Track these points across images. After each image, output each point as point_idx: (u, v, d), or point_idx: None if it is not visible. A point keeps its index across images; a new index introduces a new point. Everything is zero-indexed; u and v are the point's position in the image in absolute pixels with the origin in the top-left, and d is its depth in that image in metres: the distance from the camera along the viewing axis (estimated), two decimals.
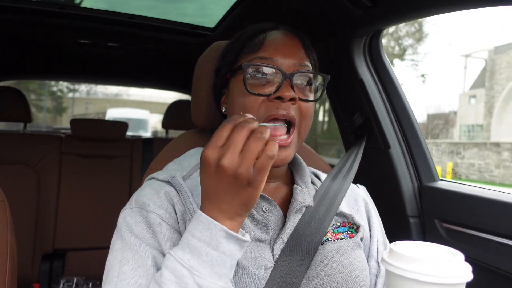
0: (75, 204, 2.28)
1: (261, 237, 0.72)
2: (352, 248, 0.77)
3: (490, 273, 1.03)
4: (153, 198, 0.71)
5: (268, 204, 0.76)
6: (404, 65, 17.73)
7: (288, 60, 0.75)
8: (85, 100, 24.37)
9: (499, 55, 20.43)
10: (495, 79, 20.65)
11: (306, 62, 0.78)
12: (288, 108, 0.73)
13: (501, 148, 14.56)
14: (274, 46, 0.76)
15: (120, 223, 0.70)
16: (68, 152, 2.32)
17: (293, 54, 0.76)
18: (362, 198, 0.90)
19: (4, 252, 0.95)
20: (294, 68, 0.75)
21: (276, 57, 0.75)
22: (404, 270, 0.51)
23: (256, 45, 0.77)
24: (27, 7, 1.67)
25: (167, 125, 2.69)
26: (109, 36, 1.98)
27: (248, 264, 0.69)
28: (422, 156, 1.29)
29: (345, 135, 1.46)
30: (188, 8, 1.92)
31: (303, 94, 0.76)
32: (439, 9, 1.01)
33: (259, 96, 0.73)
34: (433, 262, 0.50)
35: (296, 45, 0.79)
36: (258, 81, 0.74)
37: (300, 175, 0.85)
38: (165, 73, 2.93)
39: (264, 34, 0.78)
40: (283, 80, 0.73)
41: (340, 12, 1.20)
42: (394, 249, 0.54)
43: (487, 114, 21.02)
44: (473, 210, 1.09)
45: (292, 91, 0.73)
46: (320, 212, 0.79)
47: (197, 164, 0.82)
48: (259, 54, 0.76)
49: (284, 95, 0.72)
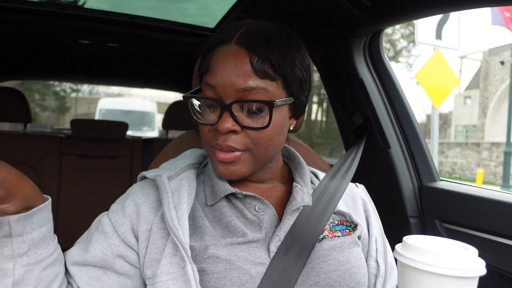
0: (75, 204, 2.28)
1: (252, 238, 0.72)
2: (349, 245, 0.77)
3: (492, 274, 1.03)
4: (117, 204, 0.78)
5: (261, 204, 0.76)
6: (398, 66, 17.91)
7: (230, 84, 0.68)
8: (88, 100, 24.73)
9: (492, 57, 20.62)
10: (489, 80, 20.94)
11: (253, 86, 0.68)
12: (227, 140, 0.70)
13: (481, 147, 15.45)
14: (216, 70, 0.70)
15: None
16: (68, 153, 2.32)
17: (235, 77, 0.68)
18: (360, 197, 0.90)
19: None
20: (236, 95, 0.69)
21: (217, 82, 0.69)
22: (418, 262, 0.51)
23: (204, 68, 0.73)
24: (27, 7, 1.66)
25: (167, 125, 2.69)
26: (109, 37, 1.98)
27: (237, 259, 0.69)
28: (422, 156, 1.29)
29: (345, 135, 1.46)
30: (189, 9, 1.93)
31: (250, 121, 0.70)
32: (439, 9, 1.02)
33: (206, 125, 0.73)
34: (447, 255, 0.51)
35: (242, 64, 0.68)
36: (207, 108, 0.74)
37: (300, 173, 0.84)
38: (166, 74, 2.93)
39: (212, 51, 0.72)
40: (222, 112, 0.69)
41: (340, 12, 1.21)
42: (408, 242, 0.54)
43: (481, 115, 21.23)
44: (473, 210, 1.10)
45: (232, 121, 0.69)
46: (317, 210, 0.79)
47: (188, 165, 0.83)
48: (205, 79, 0.72)
49: (219, 128, 0.69)
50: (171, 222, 0.69)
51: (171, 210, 0.71)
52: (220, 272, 0.68)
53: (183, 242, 0.67)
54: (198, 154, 0.88)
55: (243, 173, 0.74)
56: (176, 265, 0.68)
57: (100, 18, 1.78)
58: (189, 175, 0.80)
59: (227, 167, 0.73)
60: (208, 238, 0.72)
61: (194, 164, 0.85)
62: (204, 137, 0.75)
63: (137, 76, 3.03)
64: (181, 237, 0.68)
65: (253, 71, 0.68)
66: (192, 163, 0.84)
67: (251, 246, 0.72)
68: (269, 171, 0.81)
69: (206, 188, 0.80)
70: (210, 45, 0.74)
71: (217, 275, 0.68)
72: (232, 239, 0.72)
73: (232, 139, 0.70)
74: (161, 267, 0.68)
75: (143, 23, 1.82)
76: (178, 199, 0.73)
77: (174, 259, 0.68)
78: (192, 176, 0.81)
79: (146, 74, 2.99)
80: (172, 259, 0.68)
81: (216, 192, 0.77)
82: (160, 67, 2.75)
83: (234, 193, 0.76)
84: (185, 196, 0.74)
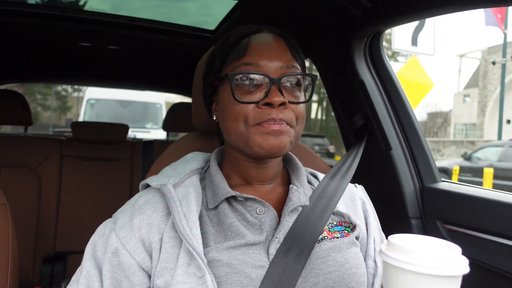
0: (76, 207, 2.28)
1: (253, 241, 0.72)
2: (347, 246, 0.78)
3: (493, 275, 1.03)
4: (124, 217, 0.75)
5: (262, 206, 0.77)
6: (397, 66, 17.97)
7: (274, 64, 0.74)
8: None
9: (491, 56, 20.72)
10: (488, 79, 21.56)
11: (293, 64, 0.76)
12: (279, 113, 0.72)
13: (475, 145, 15.83)
14: (259, 50, 0.75)
15: (93, 237, 0.78)
16: (68, 155, 2.32)
17: (278, 57, 0.75)
18: (359, 198, 0.90)
19: (5, 255, 0.95)
20: (280, 72, 0.74)
21: (262, 61, 0.74)
22: (400, 261, 0.51)
23: (240, 51, 0.75)
24: (28, 10, 1.66)
25: (168, 127, 2.68)
26: (109, 39, 1.98)
27: (238, 263, 0.69)
28: (424, 157, 1.29)
29: (346, 136, 1.46)
30: (189, 10, 1.93)
31: (293, 97, 0.75)
32: (440, 10, 1.02)
33: (248, 104, 0.73)
34: (429, 254, 0.51)
35: (281, 46, 0.77)
36: (246, 88, 0.74)
37: (296, 175, 0.85)
38: (166, 75, 2.93)
39: (248, 38, 0.77)
40: (271, 86, 0.72)
41: (340, 13, 1.21)
42: (392, 241, 0.54)
43: (480, 113, 21.28)
44: (475, 211, 1.10)
45: (281, 95, 0.72)
46: (316, 211, 0.79)
47: (191, 171, 0.82)
48: (244, 60, 0.75)
49: (273, 101, 0.71)
50: (184, 232, 0.68)
51: (182, 220, 0.70)
52: (221, 276, 0.68)
53: (199, 252, 0.67)
54: (200, 159, 0.88)
55: (288, 148, 0.75)
56: (192, 274, 0.67)
57: (100, 20, 1.78)
58: (193, 181, 0.80)
59: (279, 137, 0.72)
60: (211, 242, 0.72)
61: (197, 169, 0.85)
62: (244, 117, 0.73)
63: (137, 78, 3.03)
64: (196, 247, 0.67)
65: (290, 51, 0.78)
66: (195, 168, 0.84)
67: (251, 249, 0.72)
68: (272, 170, 0.82)
69: (208, 192, 0.80)
70: (241, 36, 0.78)
71: (218, 279, 0.68)
72: (234, 241, 0.71)
73: (283, 113, 0.73)
74: (177, 277, 0.67)
75: (143, 25, 1.82)
76: (187, 207, 0.73)
77: (189, 269, 0.67)
78: (196, 182, 0.80)
79: (147, 76, 2.99)
80: (187, 268, 0.67)
81: (217, 195, 0.77)
82: (160, 69, 2.75)
83: (234, 196, 0.76)
84: (193, 204, 0.74)
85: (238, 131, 0.75)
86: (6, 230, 0.97)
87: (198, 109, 0.99)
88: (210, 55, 0.85)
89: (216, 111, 0.83)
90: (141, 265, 0.71)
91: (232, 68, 0.76)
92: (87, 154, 2.36)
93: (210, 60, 0.83)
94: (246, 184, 0.81)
